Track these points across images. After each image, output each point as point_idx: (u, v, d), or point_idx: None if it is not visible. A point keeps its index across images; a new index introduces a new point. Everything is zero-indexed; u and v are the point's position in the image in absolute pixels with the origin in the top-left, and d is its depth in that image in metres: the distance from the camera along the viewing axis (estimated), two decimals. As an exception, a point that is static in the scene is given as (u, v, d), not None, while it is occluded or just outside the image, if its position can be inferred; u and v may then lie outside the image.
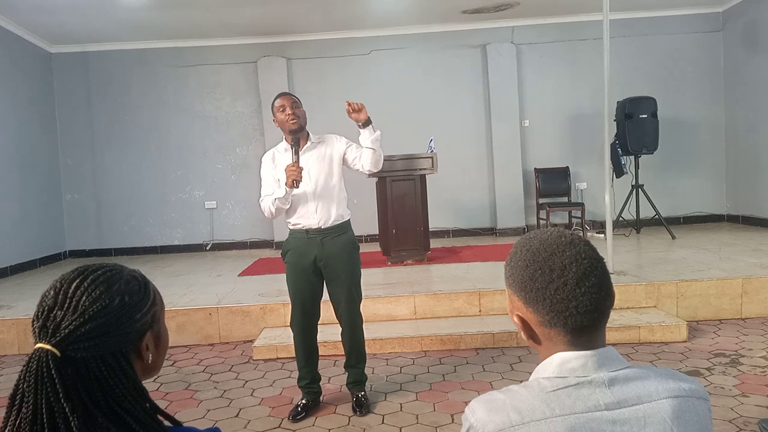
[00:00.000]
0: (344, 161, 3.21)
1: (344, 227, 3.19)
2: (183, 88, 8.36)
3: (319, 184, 3.11)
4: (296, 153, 3.03)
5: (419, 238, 6.07)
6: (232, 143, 8.40)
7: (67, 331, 0.85)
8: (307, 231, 3.12)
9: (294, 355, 3.91)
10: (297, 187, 3.00)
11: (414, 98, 8.22)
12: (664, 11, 8.11)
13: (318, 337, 3.33)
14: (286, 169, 2.99)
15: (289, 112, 3.05)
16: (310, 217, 3.11)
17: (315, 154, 3.15)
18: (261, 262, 6.92)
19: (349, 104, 3.05)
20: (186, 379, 3.87)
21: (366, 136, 3.11)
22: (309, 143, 3.16)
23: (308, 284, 3.15)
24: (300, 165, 3.00)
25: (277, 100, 3.12)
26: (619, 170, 7.20)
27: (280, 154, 3.17)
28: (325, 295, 3.23)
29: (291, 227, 3.19)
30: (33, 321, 0.88)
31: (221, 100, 8.40)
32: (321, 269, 3.14)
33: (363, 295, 3.31)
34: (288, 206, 3.11)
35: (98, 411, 0.84)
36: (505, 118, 8.23)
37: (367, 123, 3.09)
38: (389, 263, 6.04)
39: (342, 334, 3.28)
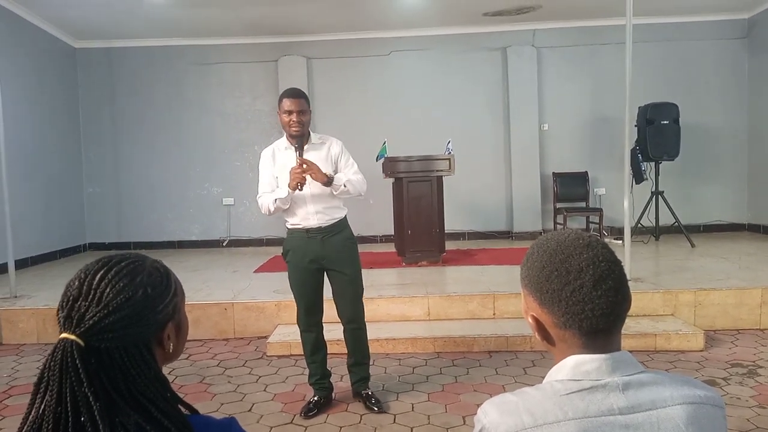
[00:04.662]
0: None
1: (342, 224, 3.23)
2: (204, 86, 8.44)
3: (319, 185, 3.10)
4: (300, 156, 3.05)
5: (434, 240, 6.06)
6: (250, 141, 8.46)
7: (91, 322, 0.87)
8: (308, 230, 3.14)
9: (304, 353, 3.93)
10: (301, 189, 3.03)
11: (433, 100, 8.22)
12: (688, 17, 8.01)
13: (330, 335, 3.34)
14: (291, 172, 3.00)
15: (295, 120, 3.05)
16: (310, 218, 3.13)
17: (316, 156, 3.15)
18: (277, 259, 6.95)
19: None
20: (200, 372, 3.91)
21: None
22: (310, 144, 3.16)
23: (311, 282, 3.18)
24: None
25: (286, 102, 3.07)
26: (639, 176, 7.12)
27: (280, 152, 3.19)
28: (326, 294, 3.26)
29: (290, 227, 3.21)
30: (58, 311, 0.90)
31: (241, 98, 8.47)
32: (324, 267, 3.17)
33: (377, 294, 3.34)
34: (287, 206, 3.14)
35: (121, 399, 0.86)
36: (524, 121, 8.19)
37: (327, 184, 3.07)
38: (404, 264, 6.04)
39: (345, 332, 3.29)
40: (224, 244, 8.48)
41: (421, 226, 6.00)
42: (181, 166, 8.48)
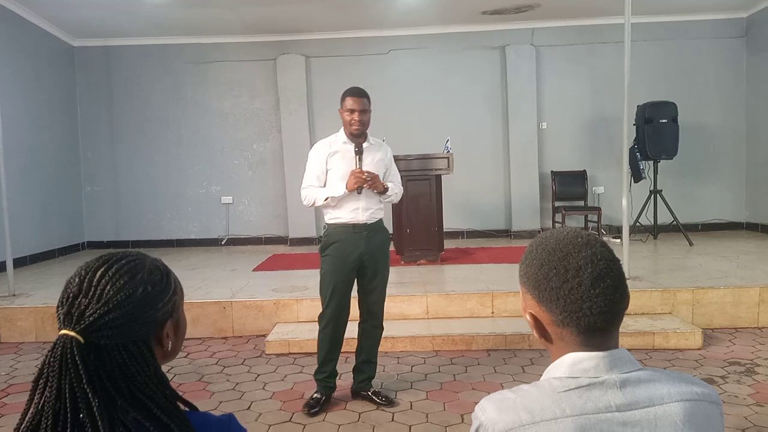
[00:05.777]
0: None
1: (382, 224, 3.34)
2: (202, 85, 8.43)
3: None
4: (360, 160, 3.15)
5: (433, 239, 6.06)
6: (249, 140, 8.47)
7: (91, 319, 0.87)
8: (354, 225, 3.19)
9: (306, 351, 3.95)
10: (359, 192, 3.13)
11: (432, 98, 8.22)
12: (686, 16, 8.02)
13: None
14: (353, 173, 3.11)
15: (357, 118, 3.14)
16: (360, 213, 3.19)
17: (372, 157, 3.25)
18: (275, 257, 6.96)
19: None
20: (199, 371, 3.91)
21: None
22: (368, 144, 3.25)
23: (349, 278, 3.22)
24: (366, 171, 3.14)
25: (349, 100, 3.16)
26: (637, 175, 7.12)
27: (338, 144, 3.25)
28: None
29: (332, 221, 3.24)
30: (57, 307, 0.90)
31: (240, 97, 8.46)
32: (364, 263, 3.20)
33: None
34: (335, 203, 3.20)
35: (120, 396, 0.86)
36: (522, 119, 8.20)
37: (382, 193, 3.24)
38: (402, 262, 6.04)
39: (363, 329, 3.32)
40: (223, 243, 8.47)
41: (419, 224, 6.01)
42: (180, 165, 8.48)
